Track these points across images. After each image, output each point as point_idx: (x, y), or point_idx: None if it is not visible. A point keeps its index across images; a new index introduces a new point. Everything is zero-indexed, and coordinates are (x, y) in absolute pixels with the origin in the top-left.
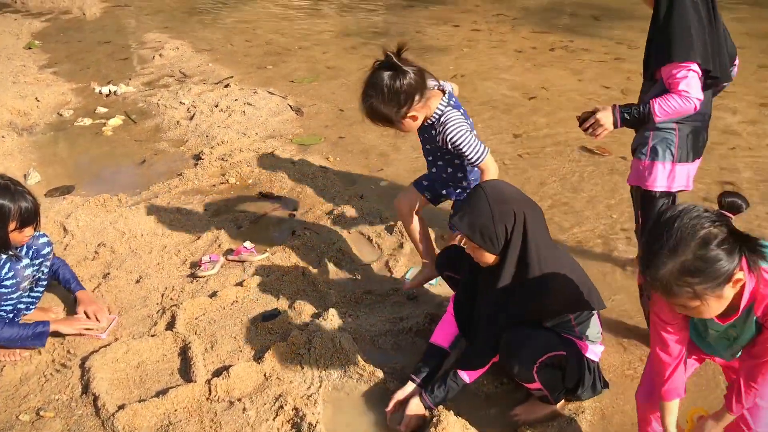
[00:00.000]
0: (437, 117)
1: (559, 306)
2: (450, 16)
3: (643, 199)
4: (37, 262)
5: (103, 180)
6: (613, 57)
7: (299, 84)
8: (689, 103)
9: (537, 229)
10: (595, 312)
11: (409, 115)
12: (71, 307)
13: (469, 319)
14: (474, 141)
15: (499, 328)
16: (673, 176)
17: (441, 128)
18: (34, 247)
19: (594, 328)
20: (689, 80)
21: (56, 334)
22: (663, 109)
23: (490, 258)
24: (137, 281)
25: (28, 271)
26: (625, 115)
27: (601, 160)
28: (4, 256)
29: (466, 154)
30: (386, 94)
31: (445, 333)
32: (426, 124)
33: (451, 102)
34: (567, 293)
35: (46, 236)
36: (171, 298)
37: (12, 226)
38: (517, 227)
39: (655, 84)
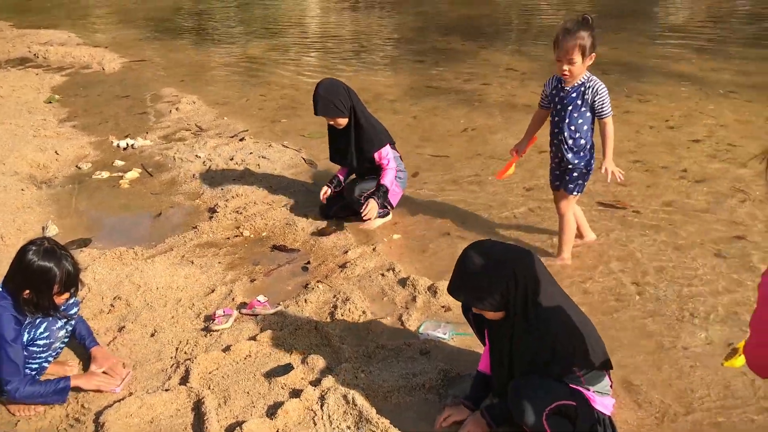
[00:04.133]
0: (586, 78)
1: (562, 355)
2: (459, 70)
3: None
4: (65, 321)
5: (119, 232)
6: (622, 111)
7: (312, 138)
8: None
9: (534, 279)
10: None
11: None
12: (86, 360)
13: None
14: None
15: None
16: None
17: (590, 84)
18: (63, 307)
19: (602, 380)
20: None
21: (72, 389)
22: None
23: (496, 315)
24: (152, 335)
25: (62, 333)
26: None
27: (615, 214)
28: (41, 317)
29: (605, 105)
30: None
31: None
32: (576, 83)
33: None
34: (569, 342)
35: (75, 296)
36: (185, 352)
37: (55, 289)
38: (512, 287)
39: None
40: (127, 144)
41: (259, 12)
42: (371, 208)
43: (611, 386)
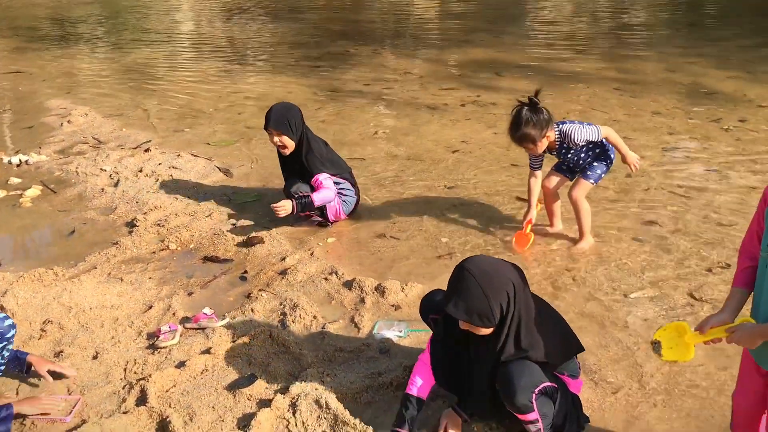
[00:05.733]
0: (559, 135)
1: (552, 360)
2: (357, 77)
3: None
4: (0, 345)
5: (31, 254)
6: None
7: (219, 147)
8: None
9: (524, 293)
10: None
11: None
12: (25, 390)
13: (451, 373)
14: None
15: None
16: None
17: (566, 138)
18: None
19: (573, 364)
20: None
21: (18, 416)
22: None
23: (487, 331)
24: (94, 357)
25: None
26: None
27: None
28: None
29: (591, 137)
30: (534, 123)
31: (423, 385)
32: (556, 146)
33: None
34: (557, 348)
35: (9, 318)
36: (135, 372)
37: None
38: (510, 301)
39: None
40: (20, 160)
41: (132, 19)
42: (284, 205)
43: (579, 368)
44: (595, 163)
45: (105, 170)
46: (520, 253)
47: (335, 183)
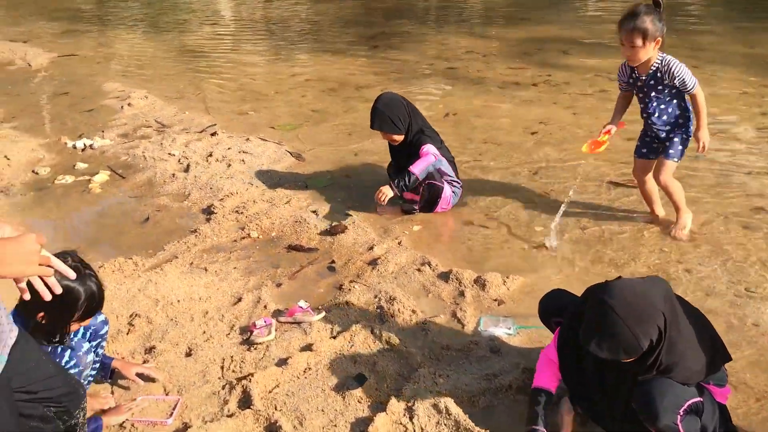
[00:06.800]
0: (659, 61)
1: (696, 379)
2: (418, 57)
3: None
4: (95, 343)
5: (106, 242)
6: (598, 89)
7: (285, 130)
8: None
9: (675, 318)
10: None
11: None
12: (118, 390)
13: (579, 382)
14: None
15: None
16: None
17: (664, 67)
18: (92, 328)
19: (720, 372)
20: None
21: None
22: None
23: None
24: (188, 354)
25: (90, 357)
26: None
27: (634, 191)
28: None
29: (686, 81)
30: (658, 14)
31: (551, 379)
32: (651, 70)
33: None
34: (702, 362)
35: (102, 313)
36: (233, 370)
37: (76, 315)
38: (661, 334)
39: None
40: (85, 144)
41: (170, 2)
42: (384, 191)
43: (726, 375)
44: (675, 138)
45: (173, 155)
46: (590, 153)
47: (450, 181)
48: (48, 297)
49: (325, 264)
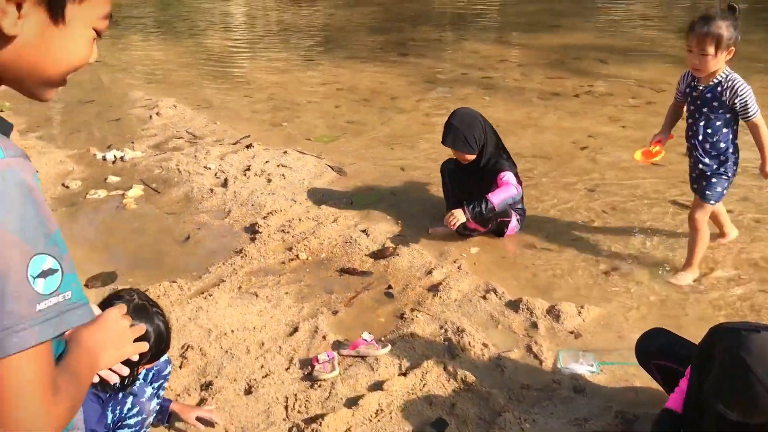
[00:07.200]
0: (724, 76)
1: None
2: (450, 65)
3: None
4: (156, 385)
5: (147, 264)
6: (644, 101)
7: (322, 142)
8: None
9: None
10: None
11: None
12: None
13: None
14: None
15: None
16: None
17: (728, 84)
18: (155, 368)
19: None
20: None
21: None
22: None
23: None
24: (247, 392)
25: (153, 403)
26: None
27: None
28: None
29: (749, 107)
30: (735, 20)
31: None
32: (712, 82)
33: None
34: None
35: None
36: (299, 411)
37: (145, 360)
38: None
39: None
40: (115, 156)
41: (184, 9)
42: (456, 215)
43: None
44: (713, 180)
45: (209, 168)
46: (643, 163)
47: (517, 209)
48: (114, 380)
49: (382, 289)
